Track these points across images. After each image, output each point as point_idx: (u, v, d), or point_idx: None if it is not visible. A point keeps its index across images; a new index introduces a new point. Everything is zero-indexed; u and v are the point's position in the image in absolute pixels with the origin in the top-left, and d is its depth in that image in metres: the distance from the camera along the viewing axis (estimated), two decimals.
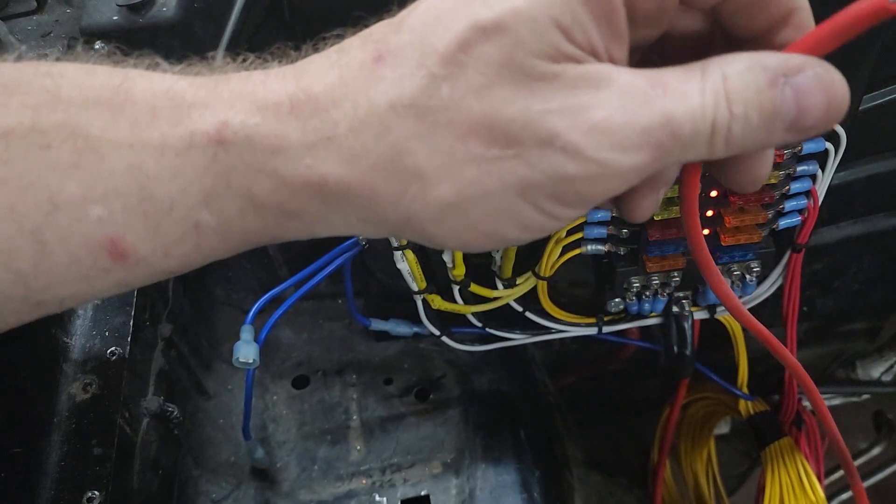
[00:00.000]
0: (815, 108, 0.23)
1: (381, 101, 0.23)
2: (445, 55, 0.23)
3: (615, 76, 0.23)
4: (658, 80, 0.23)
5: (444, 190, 0.24)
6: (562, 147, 0.23)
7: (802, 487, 0.65)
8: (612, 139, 0.23)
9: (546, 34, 0.22)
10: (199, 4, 0.49)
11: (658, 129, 0.23)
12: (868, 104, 0.51)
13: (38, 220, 0.23)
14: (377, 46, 0.24)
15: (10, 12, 0.54)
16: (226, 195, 0.24)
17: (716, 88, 0.23)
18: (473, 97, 0.23)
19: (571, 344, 0.79)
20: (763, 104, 0.23)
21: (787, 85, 0.23)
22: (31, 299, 0.25)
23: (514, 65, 0.22)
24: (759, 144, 0.24)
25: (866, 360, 0.92)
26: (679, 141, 0.23)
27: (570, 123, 0.23)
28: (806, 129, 0.24)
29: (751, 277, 0.55)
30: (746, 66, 0.23)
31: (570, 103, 0.23)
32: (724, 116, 0.23)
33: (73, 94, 0.24)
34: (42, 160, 0.23)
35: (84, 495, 0.42)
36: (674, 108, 0.23)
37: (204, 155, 0.24)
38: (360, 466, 0.59)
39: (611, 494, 0.82)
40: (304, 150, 0.24)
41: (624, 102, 0.23)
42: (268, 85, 0.24)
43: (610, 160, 0.23)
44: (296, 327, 0.68)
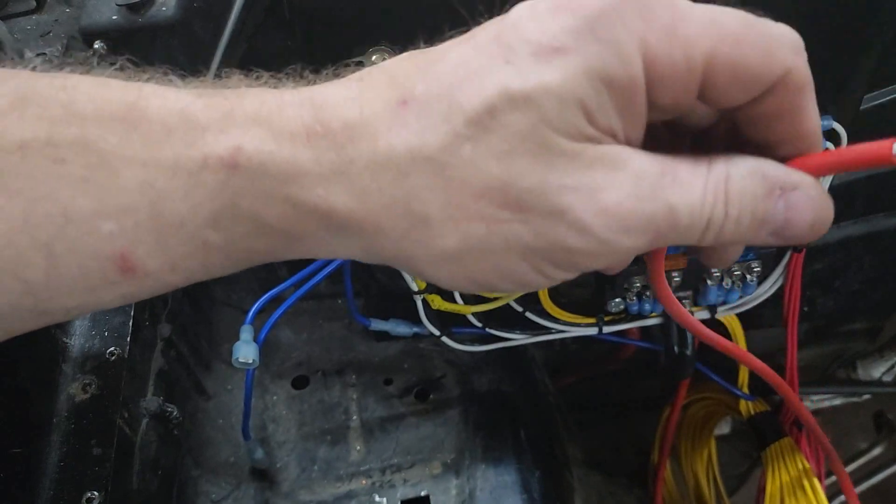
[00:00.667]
0: (801, 224, 0.25)
1: (401, 148, 0.24)
2: (472, 117, 0.23)
3: (629, 159, 0.24)
4: (668, 169, 0.24)
5: (448, 241, 0.25)
6: (571, 222, 0.24)
7: (802, 488, 0.65)
8: (619, 223, 0.24)
9: (571, 114, 0.23)
10: (199, 4, 0.49)
11: (660, 219, 0.24)
12: (868, 104, 0.51)
13: (50, 232, 0.24)
14: (403, 90, 0.24)
15: (10, 12, 0.54)
16: (234, 217, 0.25)
17: (717, 187, 0.24)
18: (494, 161, 0.24)
19: (572, 344, 0.79)
20: (756, 211, 0.25)
21: (781, 198, 0.25)
22: (38, 309, 0.25)
23: (537, 137, 0.23)
24: (741, 242, 0.26)
25: (867, 361, 0.91)
26: (676, 230, 0.25)
27: (583, 202, 0.24)
28: (788, 238, 0.26)
29: (751, 277, 0.55)
30: (749, 171, 0.25)
31: (585, 182, 0.24)
32: (720, 215, 0.25)
33: (88, 109, 0.24)
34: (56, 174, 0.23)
35: (83, 496, 0.42)
36: (678, 200, 0.24)
37: (216, 178, 0.24)
38: (360, 467, 0.59)
39: (611, 494, 0.82)
40: (316, 181, 0.24)
41: (635, 189, 0.24)
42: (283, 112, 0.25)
43: (613, 241, 0.24)
44: (295, 327, 0.68)
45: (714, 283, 0.56)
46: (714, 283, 0.56)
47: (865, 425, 1.09)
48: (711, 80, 0.24)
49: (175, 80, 0.27)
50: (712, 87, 0.24)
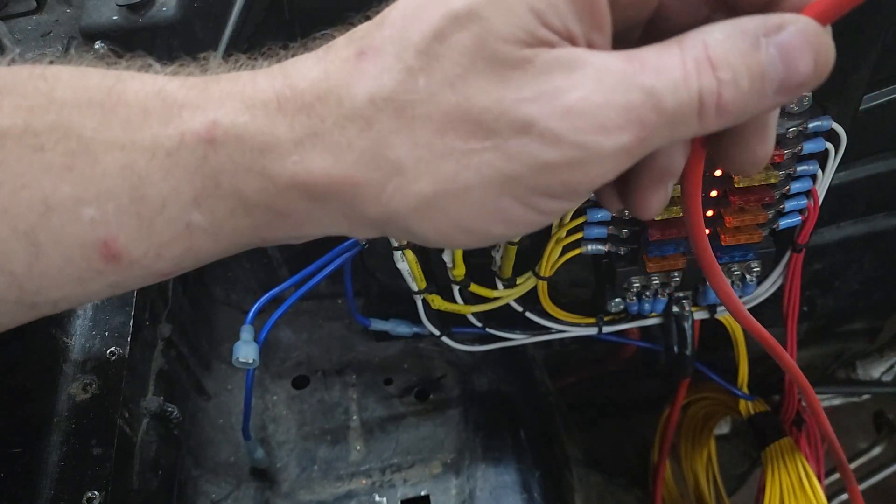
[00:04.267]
0: (803, 64, 0.23)
1: (361, 96, 0.23)
2: (421, 47, 0.23)
3: (590, 58, 0.22)
4: (634, 56, 0.23)
5: (423, 184, 0.23)
6: (539, 134, 0.22)
7: (802, 488, 0.65)
8: (590, 121, 0.22)
9: (519, 18, 0.22)
10: (199, 4, 0.49)
11: (639, 106, 0.22)
12: (868, 104, 0.51)
13: (31, 221, 0.23)
14: (360, 43, 0.24)
15: (10, 12, 0.54)
16: (216, 195, 0.24)
17: (697, 57, 0.22)
18: (449, 88, 0.22)
19: (571, 344, 0.79)
20: (750, 67, 0.22)
21: (770, 44, 0.22)
22: (24, 301, 0.25)
23: (486, 52, 0.22)
24: (752, 111, 0.23)
25: (867, 361, 0.91)
26: (664, 116, 0.22)
27: (545, 109, 0.22)
28: (796, 87, 0.23)
29: (751, 277, 0.55)
30: (725, 32, 0.23)
31: (543, 89, 0.22)
32: (712, 85, 0.22)
33: (67, 96, 0.24)
34: (36, 162, 0.23)
35: (84, 495, 0.42)
36: (654, 82, 0.22)
37: (194, 154, 0.24)
38: (360, 467, 0.59)
39: (611, 494, 0.82)
40: (291, 147, 0.24)
41: (600, 83, 0.22)
42: (256, 83, 0.25)
43: (590, 143, 0.22)
44: (296, 327, 0.68)
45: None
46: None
47: (865, 425, 1.09)
48: None
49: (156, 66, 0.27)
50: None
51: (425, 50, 0.22)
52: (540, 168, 0.23)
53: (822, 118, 0.48)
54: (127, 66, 0.27)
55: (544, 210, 0.24)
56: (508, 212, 0.24)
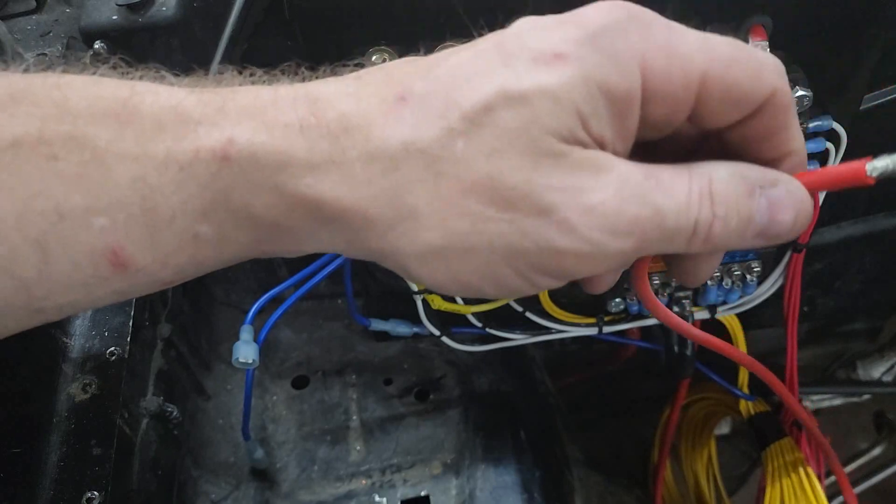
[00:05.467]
0: (785, 220, 0.26)
1: (394, 141, 0.24)
2: (468, 113, 0.24)
3: (615, 165, 0.24)
4: (652, 174, 0.25)
5: (433, 235, 0.25)
6: (556, 222, 0.24)
7: (803, 488, 0.65)
8: (604, 222, 0.24)
9: (565, 117, 0.23)
10: (199, 4, 0.49)
11: (647, 220, 0.24)
12: (868, 104, 0.51)
13: (43, 228, 0.24)
14: (401, 87, 0.25)
15: (10, 12, 0.54)
16: (225, 209, 0.25)
17: (701, 190, 0.25)
18: (484, 158, 0.24)
19: (572, 344, 0.79)
20: (741, 210, 0.25)
21: (763, 196, 0.25)
22: (31, 306, 0.25)
23: (527, 137, 0.23)
24: (730, 245, 0.26)
25: (867, 361, 0.91)
26: (663, 233, 0.25)
27: (568, 201, 0.24)
28: (773, 236, 0.26)
29: (751, 277, 0.55)
30: (730, 173, 0.25)
31: (571, 183, 0.24)
32: (707, 217, 0.25)
33: (81, 107, 0.24)
34: (49, 171, 0.23)
35: (83, 496, 0.42)
36: (663, 202, 0.24)
37: (207, 170, 0.24)
38: (360, 467, 0.59)
39: (611, 495, 0.81)
40: (307, 169, 0.24)
41: (621, 190, 0.24)
42: (278, 104, 0.25)
43: (599, 241, 0.24)
44: (295, 327, 0.68)
45: (714, 283, 0.56)
46: (714, 283, 0.56)
47: (865, 425, 1.09)
48: (705, 98, 0.25)
49: (168, 77, 0.27)
50: (705, 105, 0.25)
51: (470, 117, 0.24)
52: (547, 251, 0.25)
53: (823, 118, 0.48)
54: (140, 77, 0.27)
55: (535, 284, 0.26)
56: (504, 279, 0.26)
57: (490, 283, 0.26)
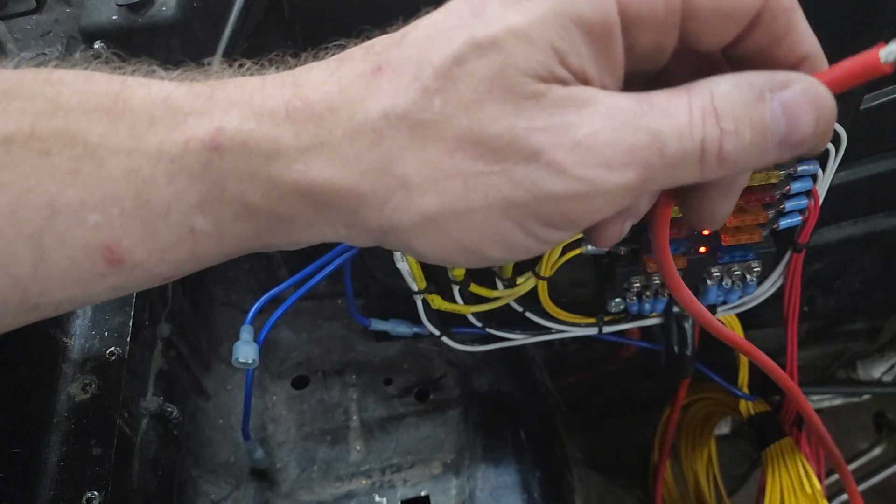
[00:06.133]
0: (805, 122, 0.23)
1: (375, 111, 0.24)
2: (440, 69, 0.23)
3: (601, 97, 0.23)
4: (645, 99, 0.23)
5: (427, 201, 0.24)
6: (546, 164, 0.23)
7: (803, 488, 0.65)
8: (597, 157, 0.23)
9: (540, 55, 0.22)
10: (199, 4, 0.49)
11: (645, 147, 0.23)
12: (868, 104, 0.51)
13: (37, 224, 0.24)
14: (378, 58, 0.24)
15: (10, 12, 0.54)
16: (220, 200, 0.25)
17: (703, 106, 0.23)
18: (463, 112, 0.23)
19: (572, 344, 0.79)
20: (753, 119, 0.23)
21: (774, 100, 0.23)
22: (28, 303, 0.25)
23: (503, 82, 0.23)
24: (752, 162, 0.24)
25: (867, 361, 0.91)
26: (667, 160, 0.23)
27: (555, 141, 0.23)
28: (797, 143, 0.24)
29: (751, 277, 0.55)
30: (732, 84, 0.23)
31: (554, 122, 0.23)
32: (714, 134, 0.23)
33: (73, 102, 0.24)
34: (42, 166, 0.23)
35: (83, 496, 0.42)
36: (660, 126, 0.23)
37: (198, 160, 0.24)
38: (360, 467, 0.59)
39: (611, 495, 0.82)
40: (297, 154, 0.24)
41: (610, 121, 0.23)
42: (265, 91, 0.25)
43: (595, 178, 0.23)
44: (295, 327, 0.68)
45: (714, 282, 0.56)
46: (714, 282, 0.56)
47: (865, 425, 1.09)
48: (692, 15, 0.23)
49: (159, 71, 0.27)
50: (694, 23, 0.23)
51: (444, 73, 0.23)
52: (543, 197, 0.23)
53: None
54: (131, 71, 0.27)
55: (543, 238, 0.25)
56: (508, 236, 0.25)
57: (495, 244, 0.25)
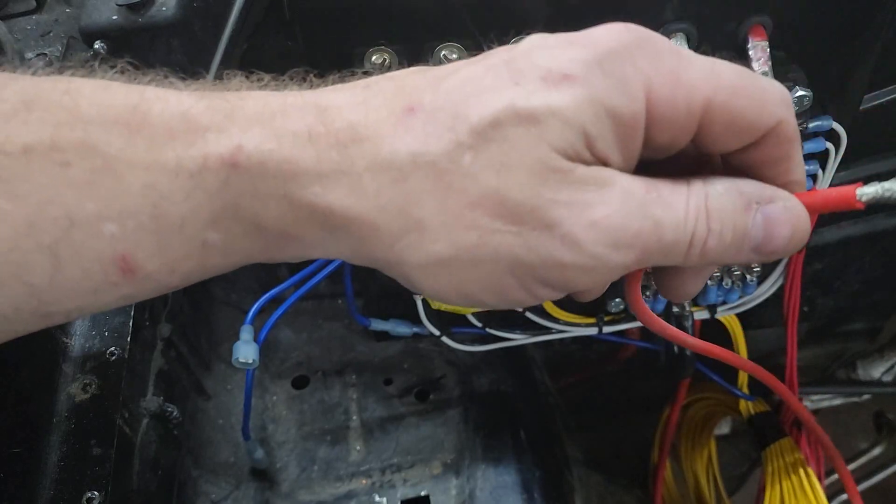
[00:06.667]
0: (780, 237, 0.26)
1: (403, 152, 0.24)
2: (476, 128, 0.24)
3: (618, 180, 0.25)
4: (653, 187, 0.25)
5: (439, 247, 0.25)
6: (561, 236, 0.24)
7: (803, 488, 0.65)
8: (608, 237, 0.24)
9: (572, 136, 0.24)
10: (199, 4, 0.49)
11: (647, 233, 0.25)
12: (868, 104, 0.51)
13: (55, 235, 0.24)
14: (411, 98, 0.25)
15: (10, 12, 0.54)
16: (234, 217, 0.25)
17: (698, 204, 0.25)
18: (492, 172, 0.24)
19: (572, 344, 0.79)
20: (737, 224, 0.26)
21: (759, 212, 0.26)
22: (40, 311, 0.25)
23: (535, 154, 0.24)
24: (726, 260, 0.26)
25: (867, 361, 0.91)
26: (662, 246, 0.25)
27: (573, 216, 0.24)
28: (769, 252, 0.26)
29: (751, 277, 0.55)
30: (726, 188, 0.26)
31: (576, 198, 0.24)
32: (703, 231, 0.25)
33: (92, 113, 0.24)
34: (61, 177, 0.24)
35: (83, 495, 0.42)
36: (662, 216, 0.25)
37: (216, 177, 0.24)
38: (360, 467, 0.59)
39: (611, 495, 0.82)
40: (314, 178, 0.24)
41: (623, 205, 0.25)
42: (287, 111, 0.25)
43: (602, 255, 0.25)
44: (295, 327, 0.68)
45: (714, 283, 0.56)
46: (714, 283, 0.56)
47: (865, 425, 1.09)
48: (708, 124, 0.25)
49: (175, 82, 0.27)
50: (708, 131, 0.25)
51: (479, 131, 0.24)
52: (552, 264, 0.25)
53: (823, 118, 0.48)
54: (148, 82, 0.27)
55: (537, 295, 0.27)
56: (506, 289, 0.26)
57: (492, 293, 0.26)
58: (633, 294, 0.31)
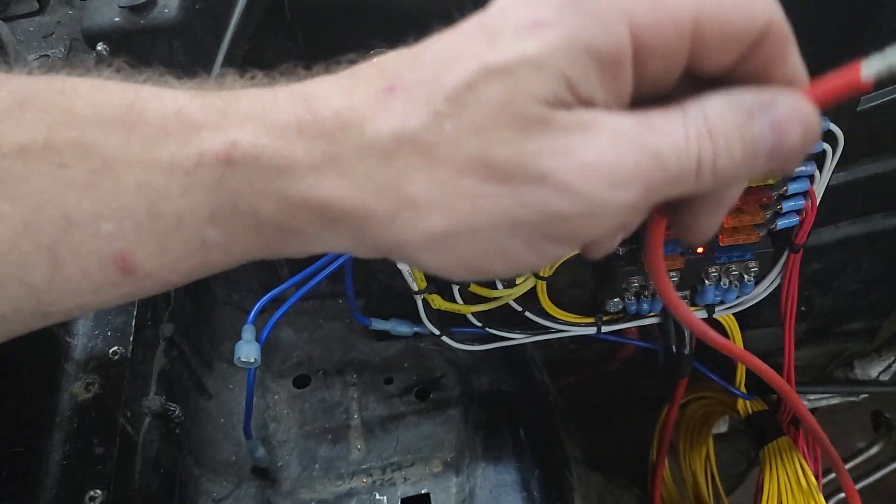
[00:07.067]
0: (792, 137, 0.25)
1: (385, 130, 0.24)
2: (451, 94, 0.24)
3: (604, 119, 0.24)
4: (644, 119, 0.24)
5: (435, 220, 0.25)
6: (554, 186, 0.24)
7: (800, 486, 0.66)
8: (604, 177, 0.24)
9: (549, 83, 0.23)
10: (200, 6, 0.49)
11: (646, 166, 0.24)
12: (866, 105, 0.51)
13: (53, 236, 0.24)
14: (390, 78, 0.25)
15: (12, 13, 0.54)
16: (232, 214, 0.25)
17: (697, 124, 0.24)
18: (473, 136, 0.24)
19: (571, 344, 0.79)
20: (744, 136, 0.24)
21: (763, 117, 0.25)
22: (39, 311, 0.26)
23: (512, 108, 0.23)
24: (743, 174, 0.25)
25: (864, 360, 0.92)
26: (667, 176, 0.24)
27: (563, 163, 0.23)
28: (784, 156, 0.25)
29: (749, 277, 0.56)
30: (723, 103, 0.25)
31: (562, 145, 0.24)
32: (709, 151, 0.24)
33: (87, 113, 0.24)
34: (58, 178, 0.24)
35: (86, 494, 0.42)
36: (661, 146, 0.24)
37: (212, 174, 0.24)
38: (361, 465, 0.59)
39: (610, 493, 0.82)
40: (307, 171, 0.24)
41: (614, 142, 0.24)
42: (277, 105, 0.25)
43: (601, 197, 0.24)
44: (297, 327, 0.68)
45: (712, 282, 0.56)
46: (712, 282, 0.56)
47: (863, 424, 1.09)
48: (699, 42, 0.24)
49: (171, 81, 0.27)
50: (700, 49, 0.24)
51: (455, 97, 0.24)
52: (551, 216, 0.24)
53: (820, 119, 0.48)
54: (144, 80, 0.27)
55: (546, 253, 0.26)
56: (513, 253, 0.26)
57: (500, 260, 0.26)
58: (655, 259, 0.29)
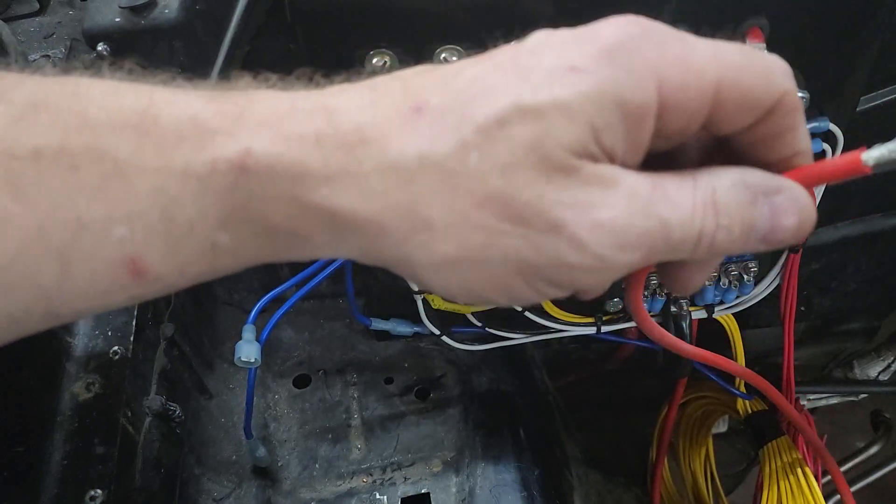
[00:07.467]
0: (787, 227, 0.26)
1: (410, 153, 0.24)
2: (481, 126, 0.24)
3: (623, 178, 0.25)
4: (658, 185, 0.25)
5: (448, 247, 0.25)
6: (567, 238, 0.25)
7: (800, 486, 0.66)
8: (613, 238, 0.25)
9: (578, 131, 0.24)
10: (201, 6, 0.49)
11: (653, 233, 0.25)
12: (866, 105, 0.52)
13: (65, 239, 0.24)
14: (417, 99, 0.25)
15: (13, 14, 0.54)
16: (243, 219, 0.25)
17: (706, 200, 0.25)
18: (497, 173, 0.24)
19: (570, 343, 0.79)
20: (744, 218, 0.26)
21: (765, 204, 0.26)
22: (50, 312, 0.26)
23: (540, 151, 0.24)
24: (734, 251, 0.27)
25: (864, 360, 0.92)
26: (669, 244, 0.25)
27: (578, 218, 0.24)
28: (775, 242, 0.26)
29: (748, 277, 0.56)
30: (732, 182, 0.26)
31: (581, 199, 0.24)
32: (711, 227, 0.25)
33: (101, 117, 0.24)
34: (71, 182, 0.24)
35: (86, 494, 0.42)
36: (669, 215, 0.25)
37: (225, 181, 0.24)
38: (361, 465, 0.59)
39: (610, 493, 0.82)
40: (322, 181, 0.25)
41: (628, 205, 0.25)
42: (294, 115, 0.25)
43: (608, 256, 0.25)
44: (297, 327, 0.68)
45: (711, 282, 0.56)
46: (711, 282, 0.56)
47: (862, 424, 1.09)
48: (718, 105, 0.25)
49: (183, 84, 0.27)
50: (718, 112, 0.25)
51: (485, 131, 0.24)
52: (559, 265, 0.25)
53: (820, 119, 0.48)
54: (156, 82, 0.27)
55: (543, 293, 0.27)
56: (514, 288, 0.26)
57: (500, 292, 0.27)
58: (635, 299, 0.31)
